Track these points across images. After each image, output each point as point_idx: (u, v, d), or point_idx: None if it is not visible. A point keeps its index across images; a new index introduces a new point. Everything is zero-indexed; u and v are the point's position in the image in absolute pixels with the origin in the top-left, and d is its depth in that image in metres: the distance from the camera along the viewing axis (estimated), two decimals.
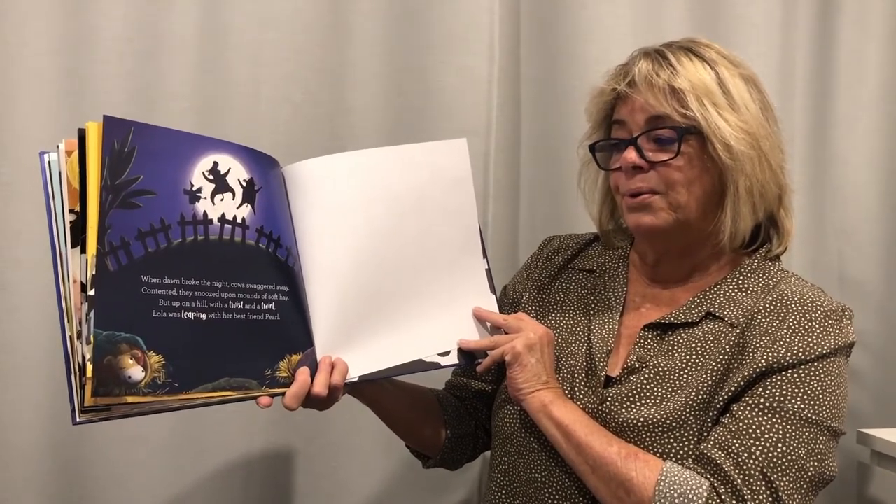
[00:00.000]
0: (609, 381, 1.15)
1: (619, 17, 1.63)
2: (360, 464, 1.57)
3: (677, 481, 1.02)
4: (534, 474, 1.16)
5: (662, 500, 1.01)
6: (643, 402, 1.10)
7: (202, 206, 1.02)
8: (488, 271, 1.24)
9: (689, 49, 1.14)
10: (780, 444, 1.02)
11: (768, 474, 1.01)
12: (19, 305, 1.42)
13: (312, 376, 1.08)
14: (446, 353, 1.18)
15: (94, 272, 0.93)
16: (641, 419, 1.08)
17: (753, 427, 1.03)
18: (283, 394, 1.07)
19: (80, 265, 0.94)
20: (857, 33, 1.75)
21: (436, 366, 1.17)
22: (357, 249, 1.14)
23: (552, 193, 1.61)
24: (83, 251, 0.94)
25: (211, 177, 1.04)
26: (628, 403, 1.11)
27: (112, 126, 0.96)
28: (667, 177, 1.12)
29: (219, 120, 1.51)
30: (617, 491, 1.04)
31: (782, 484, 1.01)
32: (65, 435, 1.43)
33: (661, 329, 1.16)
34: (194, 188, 1.02)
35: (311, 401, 1.09)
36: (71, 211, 0.96)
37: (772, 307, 1.11)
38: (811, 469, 1.03)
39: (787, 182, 1.18)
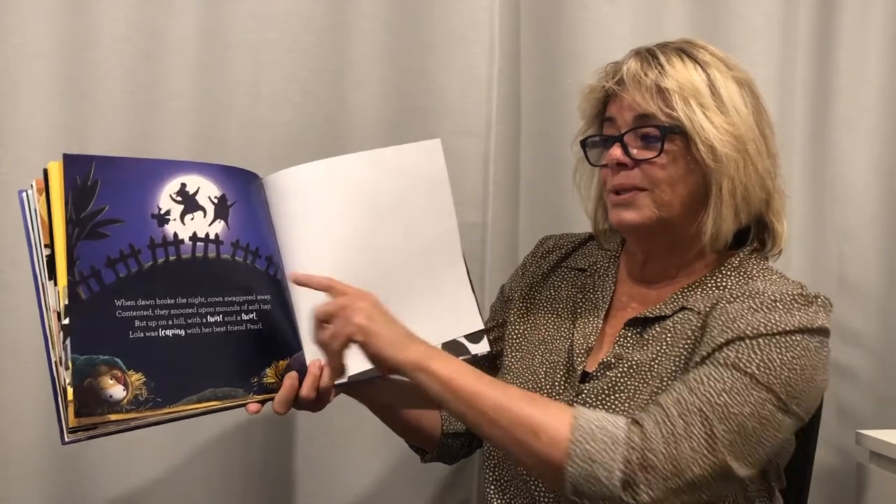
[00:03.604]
0: (586, 377, 1.16)
1: (619, 17, 1.60)
2: (360, 464, 1.59)
3: (594, 416, 1.00)
4: (520, 468, 1.17)
5: (580, 435, 0.98)
6: (617, 396, 1.11)
7: (172, 227, 1.06)
8: (467, 269, 1.25)
9: (683, 50, 1.14)
10: (724, 394, 1.00)
11: (707, 413, 0.99)
12: (20, 305, 1.44)
13: (301, 380, 1.12)
14: None
15: (66, 302, 0.98)
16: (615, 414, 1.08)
17: (704, 376, 1.02)
18: (271, 399, 1.11)
19: (54, 296, 0.99)
20: (857, 34, 1.72)
21: None
22: (338, 253, 1.16)
23: (552, 193, 1.60)
24: (56, 283, 0.99)
25: (179, 198, 1.07)
26: (603, 397, 1.12)
27: (72, 163, 1.00)
28: (651, 175, 1.12)
29: (219, 120, 1.52)
30: (524, 436, 1.00)
31: (720, 428, 0.99)
32: None
33: (641, 325, 1.16)
34: (162, 211, 1.06)
35: (301, 404, 1.13)
36: (46, 246, 1.01)
37: (739, 294, 1.10)
38: (751, 430, 1.00)
39: (777, 187, 1.17)
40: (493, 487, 1.22)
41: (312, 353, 1.14)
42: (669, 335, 1.12)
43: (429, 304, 1.20)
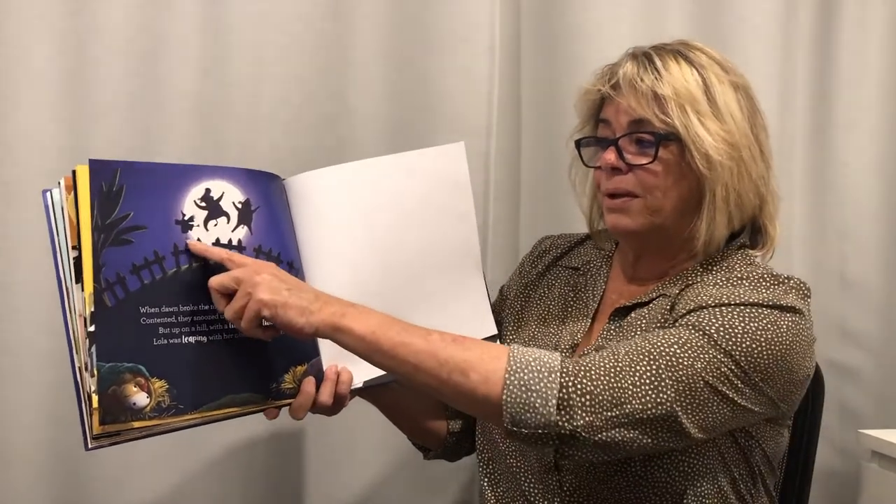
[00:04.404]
0: None
1: (619, 18, 1.61)
2: (364, 464, 1.60)
3: (529, 350, 1.01)
4: (509, 460, 1.19)
5: (516, 366, 0.98)
6: None
7: (195, 233, 1.05)
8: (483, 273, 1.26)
9: (679, 52, 1.14)
10: (675, 346, 1.01)
11: (655, 357, 1.00)
12: (20, 306, 1.44)
13: (318, 385, 1.12)
14: None
15: (92, 309, 0.97)
16: None
17: (661, 332, 1.03)
18: (289, 405, 1.11)
19: (81, 301, 0.98)
20: (857, 35, 1.74)
21: None
22: (359, 259, 1.17)
23: (552, 194, 1.61)
24: (83, 289, 0.98)
25: (203, 204, 1.07)
26: None
27: (98, 168, 0.99)
28: (644, 180, 1.13)
29: (219, 121, 1.52)
30: (451, 376, 0.99)
31: (665, 375, 0.99)
32: (65, 436, 1.43)
33: (622, 315, 1.17)
34: (186, 217, 1.05)
35: (318, 408, 1.13)
36: (73, 247, 1.00)
37: (710, 279, 1.12)
38: (702, 386, 1.00)
39: (770, 190, 1.18)
40: (486, 481, 1.24)
41: (330, 359, 1.15)
42: (644, 321, 1.14)
43: (445, 308, 1.21)
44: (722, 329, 1.02)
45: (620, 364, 0.99)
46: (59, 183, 1.01)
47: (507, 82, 1.63)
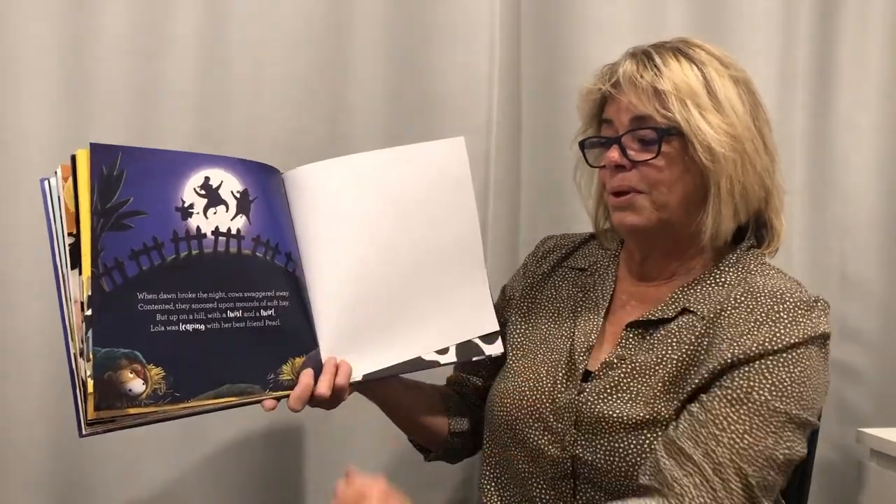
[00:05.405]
0: (588, 376, 1.17)
1: (619, 15, 1.62)
2: (359, 461, 1.55)
3: None
4: (520, 466, 1.18)
5: None
6: (619, 395, 1.12)
7: (195, 221, 1.05)
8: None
9: (678, 49, 1.15)
10: (746, 436, 1.03)
11: (738, 461, 1.02)
12: (20, 304, 1.43)
13: (317, 378, 1.11)
14: (444, 351, 1.19)
15: (90, 293, 0.97)
16: (616, 413, 1.10)
17: (721, 418, 1.04)
18: (287, 396, 1.10)
19: (79, 286, 0.98)
20: (858, 33, 1.74)
21: (435, 364, 1.19)
22: (359, 252, 1.16)
23: (553, 193, 1.61)
24: (81, 273, 0.98)
25: (203, 192, 1.07)
26: (605, 396, 1.12)
27: (99, 152, 0.99)
28: (648, 176, 1.13)
29: (219, 119, 1.52)
30: None
31: (752, 471, 1.02)
32: (65, 433, 1.41)
33: (643, 327, 1.17)
34: (186, 204, 1.05)
35: (316, 401, 1.12)
36: (70, 234, 1.00)
37: (742, 298, 1.11)
38: (780, 456, 1.03)
39: (775, 184, 1.18)
40: (492, 485, 1.23)
41: (328, 351, 1.14)
42: (673, 339, 1.13)
43: (446, 304, 1.20)
44: (774, 389, 1.04)
45: (719, 494, 1.01)
46: (55, 172, 1.02)
47: (507, 80, 1.63)
